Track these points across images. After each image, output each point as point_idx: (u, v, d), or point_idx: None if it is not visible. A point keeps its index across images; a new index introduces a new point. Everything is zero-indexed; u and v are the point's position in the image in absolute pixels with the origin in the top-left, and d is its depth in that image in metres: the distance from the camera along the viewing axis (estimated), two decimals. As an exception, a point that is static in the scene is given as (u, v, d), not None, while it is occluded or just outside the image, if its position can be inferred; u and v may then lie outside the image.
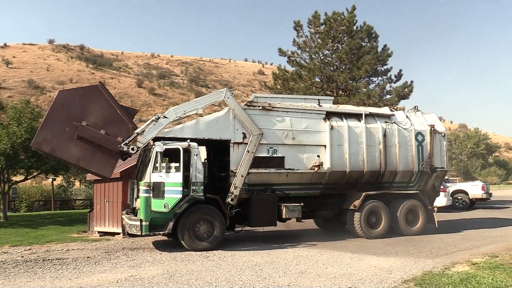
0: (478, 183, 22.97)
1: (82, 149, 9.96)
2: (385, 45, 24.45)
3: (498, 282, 6.46)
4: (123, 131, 10.20)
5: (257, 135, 10.88)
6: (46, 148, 9.92)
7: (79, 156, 10.00)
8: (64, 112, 9.94)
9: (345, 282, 6.81)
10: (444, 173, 13.57)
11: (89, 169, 10.35)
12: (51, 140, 9.86)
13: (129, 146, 9.93)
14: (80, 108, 10.03)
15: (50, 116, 10.02)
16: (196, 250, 9.91)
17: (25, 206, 26.00)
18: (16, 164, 17.39)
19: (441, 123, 13.87)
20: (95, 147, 10.00)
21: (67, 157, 10.04)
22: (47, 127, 9.94)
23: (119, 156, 10.29)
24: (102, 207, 13.56)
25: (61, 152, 9.97)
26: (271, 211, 10.99)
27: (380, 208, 11.93)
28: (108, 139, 9.99)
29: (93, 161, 10.08)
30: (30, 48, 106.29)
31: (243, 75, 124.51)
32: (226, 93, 10.88)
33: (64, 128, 9.86)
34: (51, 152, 9.99)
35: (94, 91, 10.35)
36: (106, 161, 10.16)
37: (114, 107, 10.33)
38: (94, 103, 10.17)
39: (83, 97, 10.19)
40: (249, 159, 10.70)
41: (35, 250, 10.83)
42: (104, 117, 10.16)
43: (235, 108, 10.84)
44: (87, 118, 10.01)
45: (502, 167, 74.87)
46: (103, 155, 10.09)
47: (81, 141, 9.91)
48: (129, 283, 7.03)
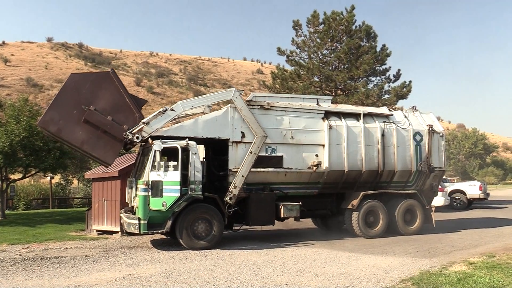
0: (475, 183, 23.03)
1: (87, 133, 10.03)
2: (384, 45, 24.49)
3: (495, 282, 6.49)
4: (130, 119, 10.27)
5: (262, 137, 10.90)
6: (52, 128, 9.99)
7: (84, 139, 10.06)
8: (74, 95, 10.02)
9: (342, 282, 6.83)
10: (442, 173, 13.60)
11: (91, 154, 10.36)
12: (57, 121, 9.93)
13: (134, 135, 9.98)
14: (90, 93, 10.10)
15: (60, 98, 10.12)
16: (194, 249, 9.92)
17: (23, 204, 25.95)
18: (14, 162, 17.36)
19: (439, 123, 13.90)
20: (100, 133, 10.08)
21: (72, 140, 10.09)
22: (55, 108, 10.02)
23: (123, 145, 10.33)
24: (101, 205, 13.55)
25: (66, 134, 10.03)
26: (269, 210, 11.01)
27: (378, 208, 11.96)
28: (114, 126, 10.05)
29: (97, 146, 10.15)
30: (28, 46, 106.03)
31: (242, 74, 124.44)
32: (235, 93, 10.91)
33: (72, 111, 9.93)
34: (57, 132, 10.04)
35: (106, 78, 10.47)
36: (109, 147, 10.21)
37: (124, 95, 10.41)
38: (104, 89, 10.28)
39: (94, 82, 10.28)
40: (251, 160, 10.72)
41: (33, 248, 10.82)
42: (113, 104, 10.25)
43: (242, 108, 10.87)
44: (96, 103, 10.09)
45: (500, 167, 75.05)
46: (107, 141, 10.15)
47: (87, 125, 9.99)
48: (127, 281, 7.03)
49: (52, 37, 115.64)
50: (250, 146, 10.82)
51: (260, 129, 10.92)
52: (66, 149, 19.66)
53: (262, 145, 10.88)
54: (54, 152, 18.01)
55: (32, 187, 30.90)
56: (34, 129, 17.87)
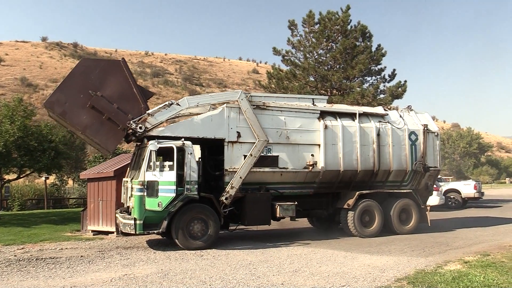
0: (470, 182, 23.16)
1: (91, 118, 10.09)
2: (379, 44, 24.52)
3: (490, 281, 6.53)
4: (135, 109, 10.32)
5: (263, 141, 10.92)
6: (57, 109, 10.04)
7: (87, 124, 10.12)
8: (82, 80, 10.12)
9: (338, 281, 6.85)
10: (437, 172, 13.66)
11: (93, 139, 10.38)
12: (63, 103, 10.00)
13: (137, 125, 10.05)
14: (98, 79, 10.20)
15: (68, 81, 10.25)
16: (190, 249, 9.91)
17: (18, 205, 25.80)
18: (9, 163, 17.29)
19: (434, 122, 13.96)
20: (104, 119, 10.11)
21: (76, 123, 10.13)
22: (63, 90, 10.14)
23: (125, 134, 10.36)
24: (96, 206, 13.50)
25: (71, 117, 10.08)
26: (265, 210, 11.01)
27: (374, 207, 11.99)
28: (118, 114, 10.11)
29: (100, 132, 10.19)
30: (23, 46, 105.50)
31: (238, 73, 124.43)
32: (241, 95, 10.96)
33: (79, 95, 10.01)
34: (61, 114, 10.08)
35: (116, 66, 10.58)
36: (111, 134, 10.25)
37: (131, 85, 10.47)
38: (113, 77, 10.37)
39: (103, 69, 10.40)
40: (250, 163, 10.74)
41: (28, 249, 10.76)
42: (120, 93, 10.33)
43: (247, 111, 10.90)
44: (103, 90, 10.16)
45: (494, 166, 75.57)
46: (110, 128, 10.20)
47: (93, 110, 10.04)
48: (123, 282, 7.02)
49: (46, 37, 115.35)
50: (250, 148, 10.81)
51: (263, 132, 10.95)
52: (61, 150, 19.64)
53: (262, 149, 10.90)
54: (49, 152, 17.95)
55: (27, 187, 30.75)
56: (29, 129, 17.82)
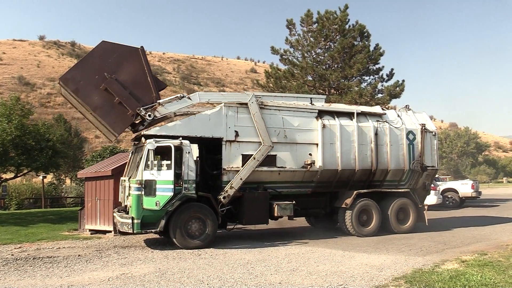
0: (468, 182, 23.19)
1: (103, 100, 10.28)
2: (377, 44, 24.57)
3: (487, 280, 6.54)
4: (147, 97, 10.53)
5: (268, 146, 10.96)
6: (71, 86, 10.25)
7: (98, 105, 10.30)
8: (99, 61, 10.39)
9: (336, 280, 6.85)
10: (434, 172, 13.69)
11: (102, 121, 10.45)
12: (78, 81, 10.25)
13: (147, 112, 10.20)
14: (115, 63, 10.46)
15: (86, 60, 10.55)
16: (188, 248, 9.90)
17: (15, 204, 25.74)
18: (6, 162, 17.24)
19: (432, 122, 13.98)
20: (115, 103, 10.28)
21: (87, 102, 10.29)
22: (80, 69, 10.41)
23: (133, 119, 10.52)
24: (93, 205, 13.49)
25: (83, 95, 10.26)
26: (263, 209, 11.01)
27: (371, 207, 12.01)
28: (130, 99, 10.29)
29: (109, 114, 10.37)
30: (20, 44, 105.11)
31: (236, 73, 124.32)
32: (252, 98, 11.03)
33: (94, 75, 10.25)
34: (74, 92, 10.25)
35: (134, 53, 10.75)
36: (120, 118, 10.42)
37: (146, 73, 10.68)
38: (130, 63, 10.61)
39: (121, 54, 10.63)
40: (252, 166, 10.77)
41: (26, 248, 10.75)
42: (134, 79, 10.56)
43: (255, 114, 10.96)
44: (118, 74, 10.41)
45: (492, 165, 75.77)
46: (120, 112, 10.38)
47: (105, 92, 10.24)
48: (121, 281, 7.01)
49: (44, 35, 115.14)
50: (248, 147, 10.86)
51: (268, 138, 10.99)
52: (59, 148, 19.59)
53: (266, 154, 10.93)
54: (47, 151, 17.91)
55: (24, 186, 30.64)
56: (26, 128, 17.77)
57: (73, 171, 35.72)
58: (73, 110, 77.39)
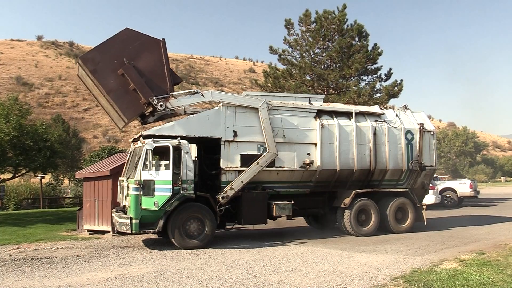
0: (466, 181, 23.25)
1: (118, 84, 10.47)
2: (375, 43, 24.56)
3: (485, 279, 6.55)
4: (161, 89, 10.71)
5: (272, 154, 11.01)
6: (89, 66, 10.42)
7: (113, 88, 10.47)
8: (121, 47, 10.63)
9: (335, 280, 6.85)
10: (433, 171, 13.70)
11: (114, 104, 10.55)
12: (97, 62, 10.47)
13: (159, 102, 10.33)
14: (136, 51, 10.71)
15: (108, 44, 10.68)
16: (187, 248, 9.89)
17: (13, 204, 25.72)
18: (4, 162, 17.20)
19: (430, 121, 13.99)
20: (130, 89, 10.45)
21: (102, 83, 10.46)
22: (100, 51, 10.59)
23: (144, 108, 10.67)
24: (92, 205, 13.46)
25: (99, 77, 10.42)
26: (261, 209, 11.01)
27: (370, 206, 12.02)
28: (144, 87, 10.44)
29: (122, 99, 10.54)
30: (18, 44, 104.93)
31: (234, 73, 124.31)
32: (263, 104, 11.11)
33: (113, 60, 10.48)
34: (92, 72, 10.43)
35: (155, 44, 11.00)
36: (132, 105, 10.59)
37: (164, 66, 10.92)
38: (149, 53, 10.85)
39: (143, 43, 10.87)
40: (255, 170, 10.81)
41: (24, 248, 10.72)
42: (151, 69, 10.79)
43: (264, 121, 11.03)
44: (137, 61, 10.63)
45: (490, 165, 75.96)
46: (133, 98, 10.55)
47: (122, 77, 10.43)
48: (119, 281, 6.99)
49: (42, 35, 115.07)
50: (247, 147, 10.91)
51: (274, 146, 11.04)
52: (57, 149, 19.54)
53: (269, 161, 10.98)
54: (45, 151, 17.87)
55: (22, 187, 30.58)
56: (24, 128, 17.73)
57: (71, 171, 35.68)
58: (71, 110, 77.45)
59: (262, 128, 11.02)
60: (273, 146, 11.03)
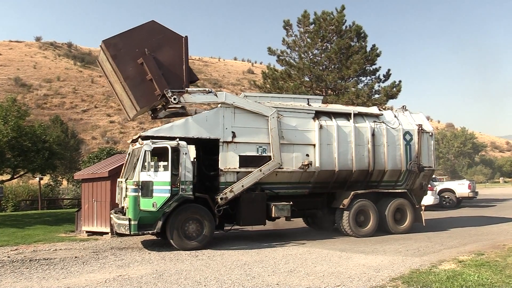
0: (464, 182, 23.26)
1: (136, 73, 10.69)
2: (374, 44, 24.55)
3: (484, 280, 6.55)
4: (177, 84, 10.87)
5: (276, 163, 11.06)
6: (111, 51, 10.63)
7: (130, 75, 10.68)
8: (144, 37, 10.88)
9: (333, 281, 6.85)
10: (431, 172, 13.71)
11: (129, 91, 10.72)
12: (119, 49, 10.69)
13: (173, 95, 10.46)
14: (158, 43, 10.97)
15: (133, 32, 10.92)
16: (185, 250, 9.88)
17: (12, 205, 25.64)
18: (2, 163, 17.16)
19: (428, 122, 14.01)
20: (147, 79, 10.65)
21: (121, 69, 10.63)
22: (124, 38, 10.80)
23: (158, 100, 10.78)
24: (90, 206, 13.44)
25: (119, 62, 10.63)
26: (260, 210, 11.00)
27: (369, 207, 12.02)
28: (161, 79, 10.59)
29: (137, 87, 10.74)
30: (16, 45, 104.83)
31: (233, 74, 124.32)
32: (274, 113, 11.18)
33: (135, 48, 10.73)
34: (112, 57, 10.62)
35: (178, 40, 11.24)
36: (146, 94, 10.76)
37: (183, 62, 11.15)
38: (171, 48, 11.11)
39: (167, 37, 11.15)
40: (257, 177, 10.86)
41: (22, 250, 10.70)
42: (170, 64, 11.01)
43: (273, 129, 11.10)
44: (157, 54, 10.88)
45: (488, 166, 76.10)
46: (148, 88, 10.68)
47: (141, 66, 10.67)
48: (118, 283, 6.99)
49: (40, 37, 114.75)
50: (245, 148, 10.95)
51: (279, 155, 11.11)
52: (55, 150, 19.53)
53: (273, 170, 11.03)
54: (43, 152, 17.85)
55: (20, 188, 30.50)
56: (23, 129, 17.71)
57: (69, 172, 35.62)
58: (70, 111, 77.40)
59: (270, 136, 11.10)
60: (278, 155, 11.08)
